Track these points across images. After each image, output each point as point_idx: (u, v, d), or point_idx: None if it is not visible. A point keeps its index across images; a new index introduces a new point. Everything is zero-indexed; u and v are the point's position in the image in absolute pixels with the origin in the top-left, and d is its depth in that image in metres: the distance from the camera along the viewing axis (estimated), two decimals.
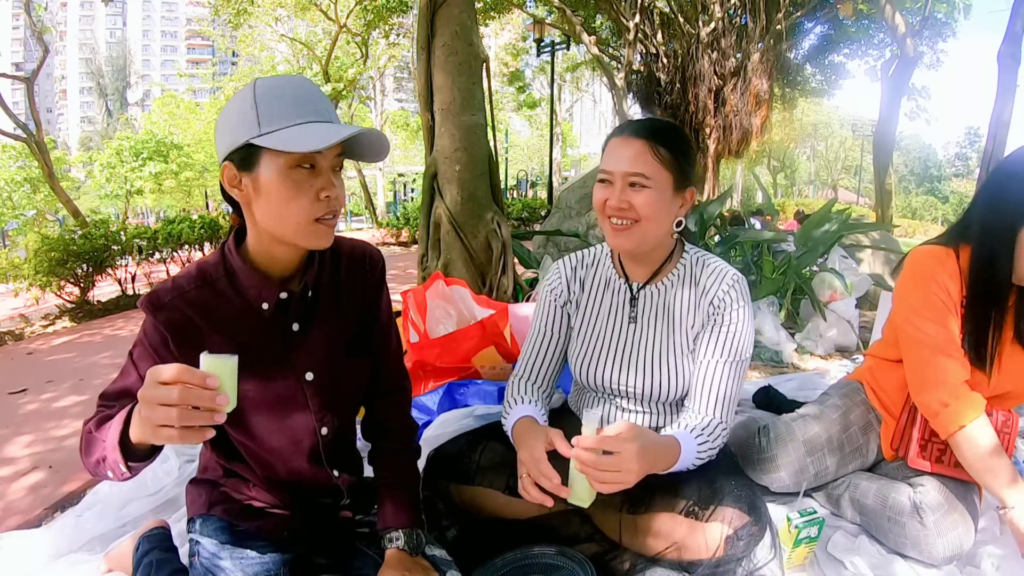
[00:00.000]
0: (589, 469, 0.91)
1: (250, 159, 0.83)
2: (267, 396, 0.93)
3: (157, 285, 0.92)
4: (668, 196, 1.11)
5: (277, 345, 0.93)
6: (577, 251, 1.32)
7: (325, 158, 0.84)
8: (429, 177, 3.52)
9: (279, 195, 0.83)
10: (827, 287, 2.99)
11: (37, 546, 1.41)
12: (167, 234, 6.13)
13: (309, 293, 0.95)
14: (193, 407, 0.68)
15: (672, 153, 1.09)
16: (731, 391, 1.13)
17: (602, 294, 1.26)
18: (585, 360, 1.22)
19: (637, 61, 12.86)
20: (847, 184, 41.08)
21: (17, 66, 47.37)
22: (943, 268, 1.21)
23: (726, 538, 1.02)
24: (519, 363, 1.28)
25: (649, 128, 1.12)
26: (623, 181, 1.10)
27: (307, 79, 0.88)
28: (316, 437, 0.98)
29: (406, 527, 1.01)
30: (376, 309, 1.04)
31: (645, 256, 1.20)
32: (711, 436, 1.09)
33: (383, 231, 12.53)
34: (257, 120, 0.81)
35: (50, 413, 2.57)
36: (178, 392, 0.67)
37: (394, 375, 1.11)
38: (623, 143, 1.11)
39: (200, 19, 38.14)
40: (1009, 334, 1.21)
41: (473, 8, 3.54)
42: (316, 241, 0.87)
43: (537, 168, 34.40)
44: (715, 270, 1.18)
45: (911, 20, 10.08)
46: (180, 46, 66.47)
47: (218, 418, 0.69)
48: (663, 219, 1.12)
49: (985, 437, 1.14)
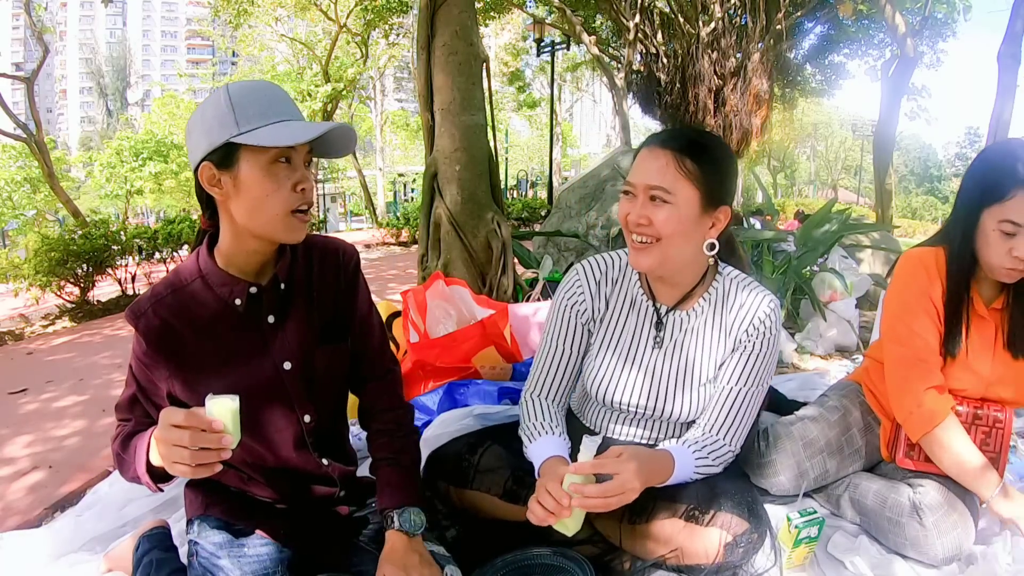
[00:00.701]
0: (598, 502, 0.92)
1: (229, 157, 0.88)
2: (249, 387, 0.96)
3: (140, 295, 0.99)
4: (694, 214, 1.03)
5: (254, 338, 0.98)
6: (598, 258, 1.22)
7: (299, 153, 0.91)
8: (429, 177, 3.52)
9: (260, 189, 0.88)
10: (827, 287, 2.99)
11: (37, 546, 1.41)
12: (167, 234, 6.14)
13: (282, 286, 1.00)
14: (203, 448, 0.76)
15: (701, 167, 1.02)
16: (746, 419, 1.12)
17: (627, 314, 1.18)
18: (603, 380, 1.17)
19: (637, 61, 12.84)
20: (847, 184, 41.07)
21: (17, 66, 47.33)
22: (925, 271, 1.23)
23: (725, 545, 1.02)
24: (534, 377, 1.23)
25: (678, 138, 1.05)
26: (645, 194, 1.04)
27: (274, 83, 0.95)
28: (300, 425, 1.02)
29: (403, 506, 1.01)
30: (353, 299, 1.07)
31: (671, 278, 1.13)
32: (711, 455, 1.09)
33: (383, 231, 12.54)
34: (235, 120, 0.86)
35: (50, 413, 2.57)
36: (189, 436, 0.75)
37: (380, 360, 1.13)
38: (650, 154, 1.05)
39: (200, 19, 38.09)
40: (1000, 339, 1.22)
41: (473, 8, 3.54)
42: (291, 234, 0.92)
43: (537, 168, 34.38)
44: (750, 297, 1.11)
45: (911, 20, 10.07)
46: (180, 46, 66.43)
47: (224, 455, 0.78)
48: (687, 240, 1.05)
49: (952, 439, 1.17)
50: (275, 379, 0.99)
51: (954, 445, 1.17)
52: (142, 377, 0.96)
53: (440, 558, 1.03)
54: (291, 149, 0.88)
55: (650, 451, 1.02)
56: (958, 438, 1.17)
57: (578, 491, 0.92)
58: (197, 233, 1.00)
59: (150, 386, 0.95)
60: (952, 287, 1.21)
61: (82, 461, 2.02)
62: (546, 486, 0.96)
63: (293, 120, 0.90)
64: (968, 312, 1.21)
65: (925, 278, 1.22)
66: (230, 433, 0.78)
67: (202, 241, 0.98)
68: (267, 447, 1.01)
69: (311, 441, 1.04)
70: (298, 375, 1.00)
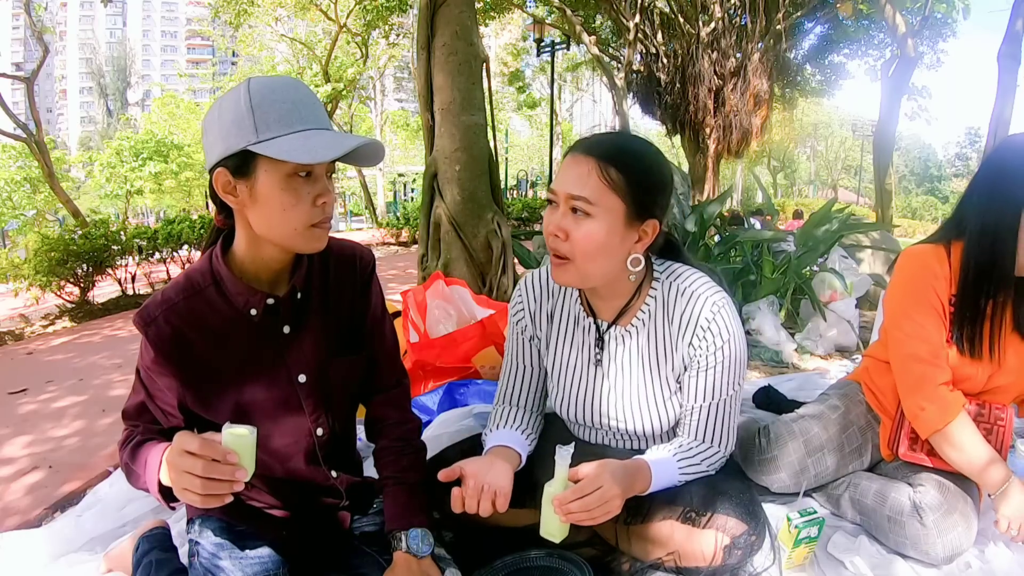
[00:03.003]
0: (582, 516, 0.91)
1: (246, 166, 0.81)
2: (261, 400, 0.94)
3: (148, 299, 0.92)
4: (618, 229, 0.95)
5: (269, 349, 0.94)
6: (542, 269, 1.15)
7: (321, 165, 0.84)
8: (429, 177, 3.52)
9: (279, 203, 0.82)
10: (827, 287, 2.99)
11: (37, 546, 1.40)
12: (167, 234, 6.14)
13: (299, 296, 0.95)
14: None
15: (627, 177, 0.94)
16: (727, 424, 1.08)
17: (571, 330, 1.14)
18: (562, 400, 1.16)
19: (637, 61, 12.85)
20: (847, 184, 41.07)
21: (17, 66, 47.30)
22: (930, 268, 1.21)
23: (723, 546, 1.01)
24: (500, 390, 1.22)
25: (603, 145, 0.97)
26: (566, 205, 0.96)
27: (301, 82, 0.87)
28: (312, 438, 0.99)
29: (409, 528, 1.00)
30: (366, 306, 1.04)
31: (601, 291, 1.07)
32: (700, 459, 1.07)
33: (383, 231, 12.54)
34: (254, 126, 0.79)
35: (50, 413, 2.57)
36: (201, 467, 0.74)
37: (390, 372, 1.10)
38: (573, 161, 0.97)
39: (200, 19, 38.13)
40: (1009, 326, 1.21)
41: (473, 8, 3.54)
42: (312, 245, 0.88)
43: (537, 168, 34.40)
44: (690, 301, 1.02)
45: (911, 20, 10.07)
46: (180, 46, 66.41)
47: (237, 487, 0.76)
48: (609, 256, 0.97)
49: (963, 436, 1.17)
50: (289, 392, 0.95)
51: (966, 442, 1.17)
52: (151, 385, 0.92)
53: (440, 560, 1.03)
54: None
55: (623, 461, 1.00)
56: (969, 434, 1.17)
57: (563, 509, 0.91)
58: (211, 231, 0.95)
59: (159, 394, 0.92)
60: (971, 289, 1.18)
61: (82, 461, 2.01)
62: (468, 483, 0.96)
63: (318, 128, 0.82)
64: (985, 315, 1.19)
65: (931, 274, 1.21)
66: (244, 466, 0.76)
67: (216, 241, 0.93)
68: (277, 459, 0.98)
69: (322, 455, 1.01)
70: (313, 388, 0.97)
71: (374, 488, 1.12)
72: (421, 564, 0.98)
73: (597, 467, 0.95)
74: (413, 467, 1.07)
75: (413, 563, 0.97)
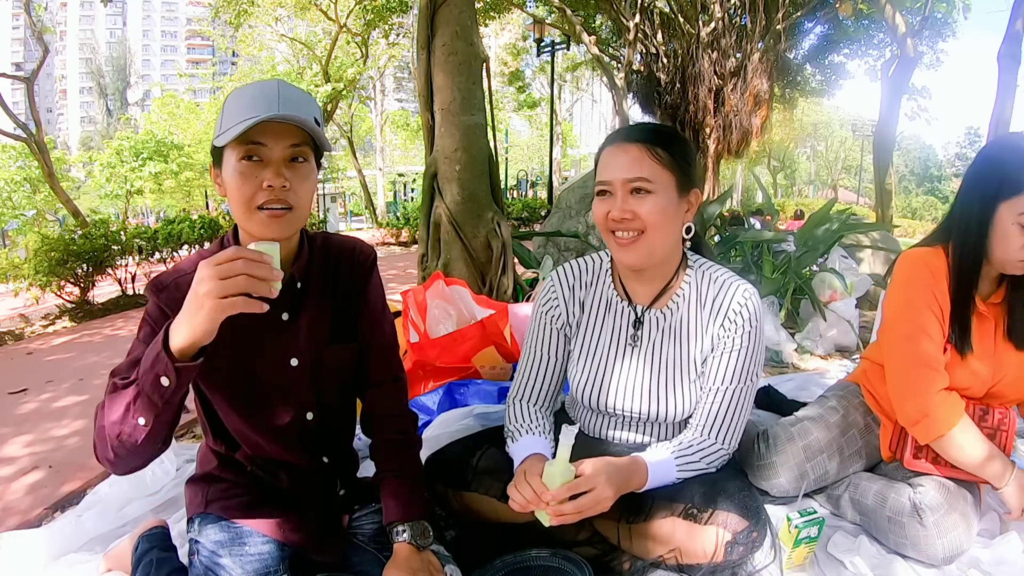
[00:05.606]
0: (576, 518, 0.96)
1: (218, 158, 0.93)
2: (255, 381, 0.98)
3: (160, 272, 0.99)
4: (674, 200, 1.06)
5: (266, 333, 0.98)
6: (573, 262, 1.23)
7: (272, 150, 0.89)
8: (429, 177, 3.52)
9: (233, 185, 0.90)
10: (827, 287, 2.99)
11: (37, 546, 1.40)
12: (167, 234, 6.15)
13: (298, 284, 1.00)
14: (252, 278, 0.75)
15: (671, 154, 1.05)
16: (738, 417, 1.12)
17: (603, 316, 1.19)
18: (586, 384, 1.19)
19: (637, 61, 12.85)
20: (847, 184, 41.07)
21: (17, 66, 47.34)
22: (928, 271, 1.22)
23: (724, 543, 1.01)
24: (518, 383, 1.25)
25: (644, 131, 1.08)
26: (624, 189, 1.05)
27: (274, 81, 0.92)
28: (302, 422, 1.02)
29: (410, 520, 1.02)
30: (363, 296, 1.07)
31: (653, 272, 1.14)
32: (700, 456, 1.09)
33: (383, 231, 12.56)
34: (221, 122, 0.90)
35: (50, 413, 2.57)
36: (242, 263, 0.74)
37: (386, 364, 1.12)
38: (618, 150, 1.07)
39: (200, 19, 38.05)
40: (1001, 333, 1.22)
41: (473, 8, 3.54)
42: (264, 229, 0.91)
43: (537, 168, 34.39)
44: (724, 288, 1.11)
45: (911, 20, 10.07)
46: (180, 46, 66.45)
47: (274, 291, 0.76)
48: (671, 226, 1.07)
49: (967, 439, 1.17)
50: (281, 375, 0.99)
51: (968, 443, 1.17)
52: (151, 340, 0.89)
53: (440, 558, 1.03)
54: (261, 146, 0.88)
55: (618, 460, 1.03)
56: (971, 435, 1.17)
57: (557, 511, 0.96)
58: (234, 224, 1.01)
59: None
60: (961, 284, 1.20)
61: (82, 461, 2.01)
62: (526, 478, 0.99)
63: (267, 115, 0.86)
64: (972, 310, 1.21)
65: (929, 277, 1.21)
66: (278, 269, 0.77)
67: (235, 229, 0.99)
68: (270, 442, 1.01)
69: (313, 438, 1.04)
70: (305, 372, 1.01)
71: (372, 488, 1.12)
72: (422, 555, 0.99)
73: (595, 467, 0.98)
74: (411, 461, 1.10)
75: (414, 554, 0.99)
